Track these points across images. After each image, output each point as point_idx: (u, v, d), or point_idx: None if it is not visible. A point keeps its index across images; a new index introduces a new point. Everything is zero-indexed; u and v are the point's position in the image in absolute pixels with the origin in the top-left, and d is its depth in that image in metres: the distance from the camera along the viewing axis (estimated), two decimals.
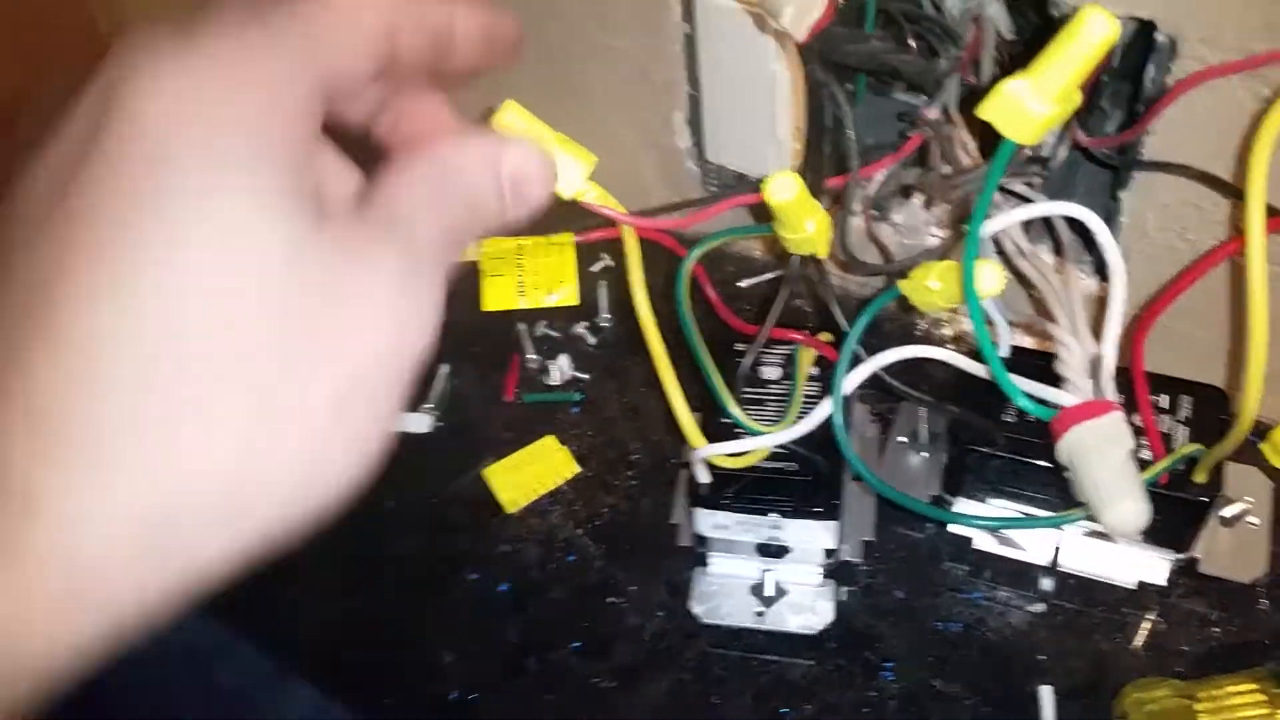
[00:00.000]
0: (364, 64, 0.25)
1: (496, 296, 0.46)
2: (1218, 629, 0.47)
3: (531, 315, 0.61)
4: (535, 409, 0.59)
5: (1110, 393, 0.39)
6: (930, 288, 0.40)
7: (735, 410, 0.44)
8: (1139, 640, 0.47)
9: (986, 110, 0.33)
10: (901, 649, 0.48)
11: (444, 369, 0.61)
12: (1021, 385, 0.39)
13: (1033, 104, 0.32)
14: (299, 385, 0.23)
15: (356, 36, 0.25)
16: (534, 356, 0.61)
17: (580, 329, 0.62)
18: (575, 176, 0.35)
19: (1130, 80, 0.53)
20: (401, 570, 0.53)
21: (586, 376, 0.60)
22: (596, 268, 0.65)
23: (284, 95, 0.23)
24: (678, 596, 0.50)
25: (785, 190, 0.38)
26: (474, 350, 0.62)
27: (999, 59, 0.54)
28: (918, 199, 0.54)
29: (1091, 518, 0.37)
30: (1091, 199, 0.55)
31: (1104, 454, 0.35)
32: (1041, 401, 0.39)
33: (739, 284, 0.63)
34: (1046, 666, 0.47)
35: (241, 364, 0.22)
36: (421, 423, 0.58)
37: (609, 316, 0.62)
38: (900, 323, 0.60)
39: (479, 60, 0.28)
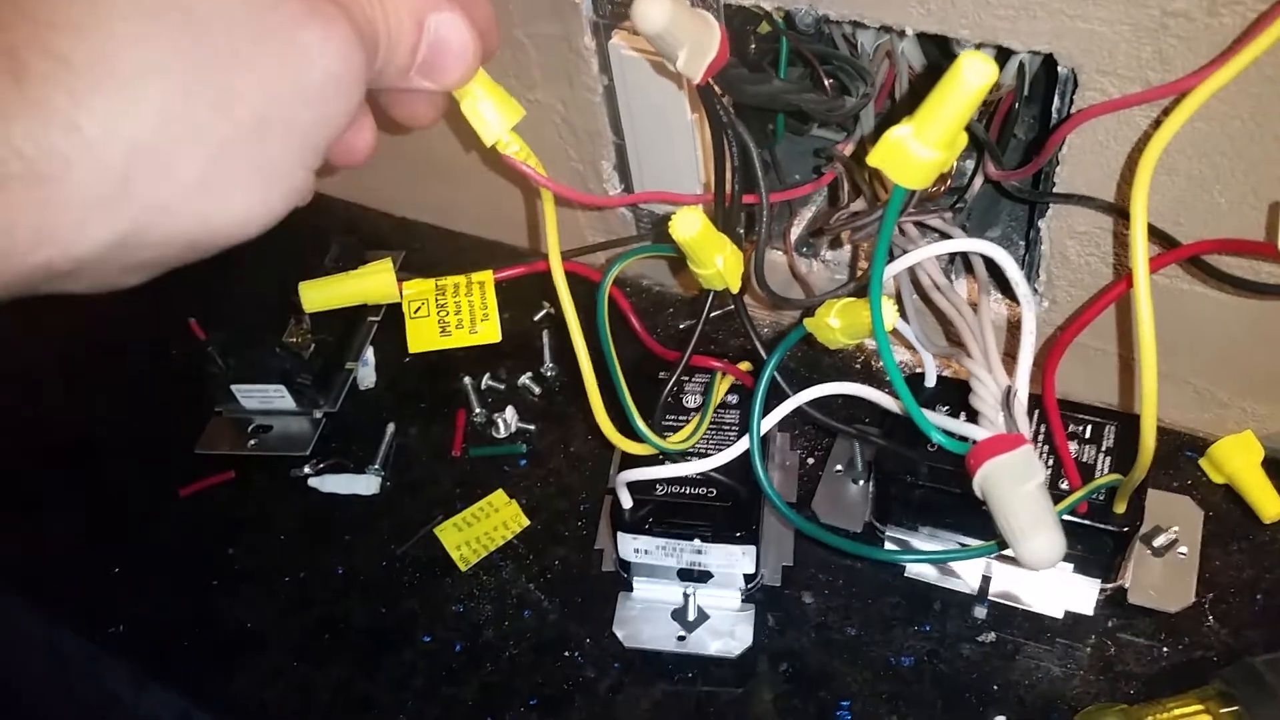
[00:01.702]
0: None
1: (421, 337, 0.46)
2: (1166, 649, 0.47)
3: (465, 366, 0.62)
4: (483, 463, 0.59)
5: (1023, 425, 0.39)
6: (831, 325, 0.41)
7: (641, 424, 0.45)
8: (1090, 666, 0.47)
9: (875, 158, 0.33)
10: (859, 686, 0.48)
11: (390, 428, 0.61)
12: (937, 420, 0.39)
13: (918, 150, 0.33)
14: (226, 90, 0.24)
15: None
16: (479, 410, 0.61)
17: (525, 380, 0.62)
18: (498, 124, 0.35)
19: (1043, 109, 0.54)
20: (355, 635, 0.53)
21: (532, 428, 0.60)
22: (539, 316, 0.65)
23: None
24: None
25: (690, 226, 0.39)
26: (420, 407, 0.62)
27: (914, 90, 0.55)
28: (825, 242, 0.54)
29: (1005, 549, 0.37)
30: (1015, 228, 0.56)
31: (1015, 488, 0.36)
32: (957, 436, 0.39)
33: (680, 325, 0.63)
34: (1000, 696, 0.47)
35: (182, 37, 0.23)
36: (370, 484, 0.58)
37: (552, 366, 0.62)
38: (843, 355, 0.61)
39: None
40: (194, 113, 0.24)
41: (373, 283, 0.45)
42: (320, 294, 0.45)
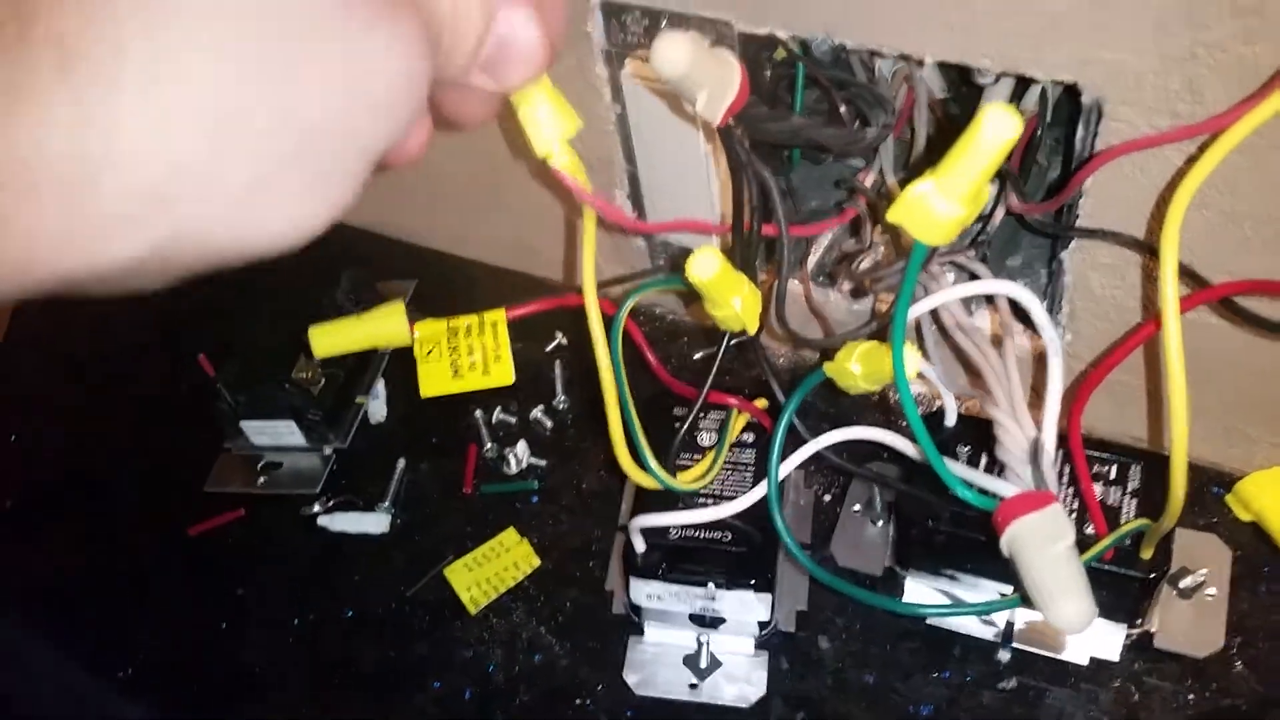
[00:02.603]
0: None
1: (433, 382, 0.45)
2: (1193, 696, 0.46)
3: (477, 399, 0.61)
4: (494, 500, 0.58)
5: (1051, 480, 0.38)
6: (852, 371, 0.40)
7: (651, 461, 0.43)
8: (1114, 713, 0.46)
9: (896, 214, 0.32)
10: None
11: (400, 463, 0.60)
12: (962, 473, 0.38)
13: (940, 206, 0.31)
14: (287, 97, 0.22)
15: None
16: (491, 445, 0.60)
17: (537, 413, 0.61)
18: (552, 133, 0.33)
19: (1067, 134, 0.53)
20: (364, 681, 0.52)
21: (544, 463, 0.59)
22: (551, 347, 0.64)
23: None
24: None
25: (707, 268, 0.38)
26: (431, 442, 0.61)
27: (934, 117, 0.54)
28: (846, 285, 0.53)
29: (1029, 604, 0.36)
30: (1036, 256, 0.55)
31: (1043, 549, 0.34)
32: (982, 491, 0.37)
33: (695, 356, 0.62)
34: None
35: (239, 34, 0.21)
36: (380, 523, 0.58)
37: (564, 398, 0.61)
38: None
39: None
40: (249, 122, 0.21)
41: (384, 326, 0.44)
42: (330, 339, 0.44)
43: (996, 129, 0.30)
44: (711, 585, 0.46)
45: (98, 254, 0.21)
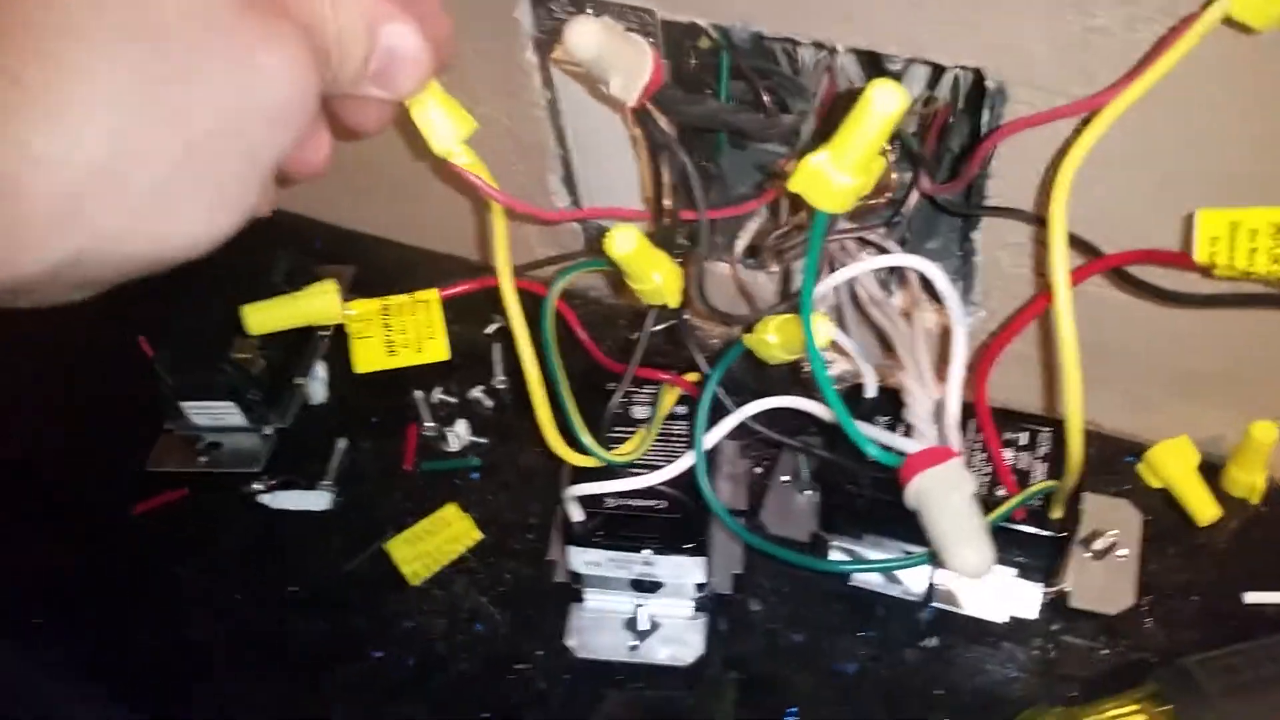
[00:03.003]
0: None
1: (367, 357, 0.47)
2: (1106, 651, 0.48)
3: (416, 380, 0.62)
4: (435, 478, 0.59)
5: (954, 438, 0.40)
6: (769, 341, 0.42)
7: (585, 436, 0.45)
8: (1031, 669, 0.48)
9: (796, 183, 0.34)
10: (804, 692, 0.49)
11: (341, 443, 0.61)
12: (871, 433, 0.40)
13: (836, 176, 0.33)
14: (182, 111, 0.24)
15: None
16: (431, 424, 0.61)
17: (477, 393, 0.63)
18: (448, 134, 0.35)
19: (976, 124, 0.55)
20: (306, 653, 0.53)
21: (485, 441, 0.61)
22: (491, 330, 0.65)
23: None
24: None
25: (625, 243, 0.40)
26: (371, 421, 0.62)
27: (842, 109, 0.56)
28: (773, 266, 0.55)
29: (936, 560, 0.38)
30: (951, 241, 0.57)
31: (945, 500, 0.37)
32: (890, 449, 0.40)
33: (631, 337, 0.64)
34: (943, 701, 0.48)
35: (135, 57, 0.23)
36: (321, 500, 0.59)
37: (504, 379, 0.63)
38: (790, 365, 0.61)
39: None
40: (148, 134, 0.24)
41: (317, 304, 0.45)
42: (264, 316, 0.45)
43: (883, 103, 0.32)
44: (647, 550, 0.47)
45: (21, 263, 0.23)
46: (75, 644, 0.55)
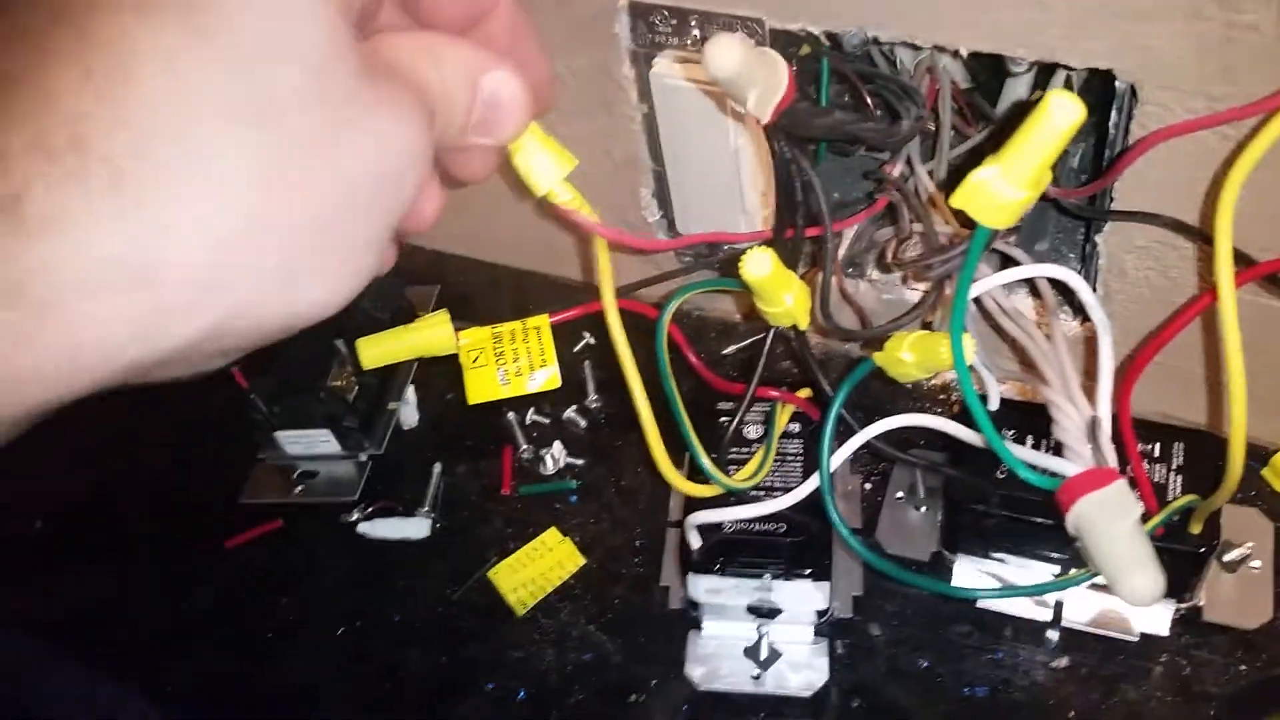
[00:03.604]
0: None
1: (480, 389, 0.46)
2: (1244, 667, 0.47)
3: (508, 402, 0.61)
4: (533, 501, 0.58)
5: (1110, 457, 0.38)
6: (904, 359, 0.40)
7: (707, 463, 0.44)
8: (1166, 687, 0.47)
9: (960, 199, 0.33)
10: (932, 718, 0.48)
11: (437, 468, 0.60)
12: (1020, 454, 0.39)
13: (1004, 190, 0.32)
14: (307, 182, 0.24)
15: None
16: (526, 446, 0.60)
17: (570, 413, 0.61)
18: (550, 174, 0.35)
19: (1090, 117, 0.54)
20: (416, 685, 0.52)
21: (581, 462, 0.59)
22: (579, 347, 0.64)
23: None
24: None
25: (761, 266, 0.38)
26: (466, 445, 0.61)
27: (956, 107, 0.54)
28: (895, 274, 0.54)
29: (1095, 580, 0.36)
30: (1063, 239, 0.55)
31: (1112, 526, 0.35)
32: (1044, 471, 0.38)
33: (723, 351, 0.63)
34: None
35: (260, 136, 0.23)
36: (420, 527, 0.58)
37: (596, 397, 0.62)
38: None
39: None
40: (276, 207, 0.24)
41: (430, 335, 0.44)
42: (378, 350, 0.44)
43: (1062, 115, 0.30)
44: (768, 577, 0.46)
45: (160, 340, 0.23)
46: (174, 687, 0.54)
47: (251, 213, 0.24)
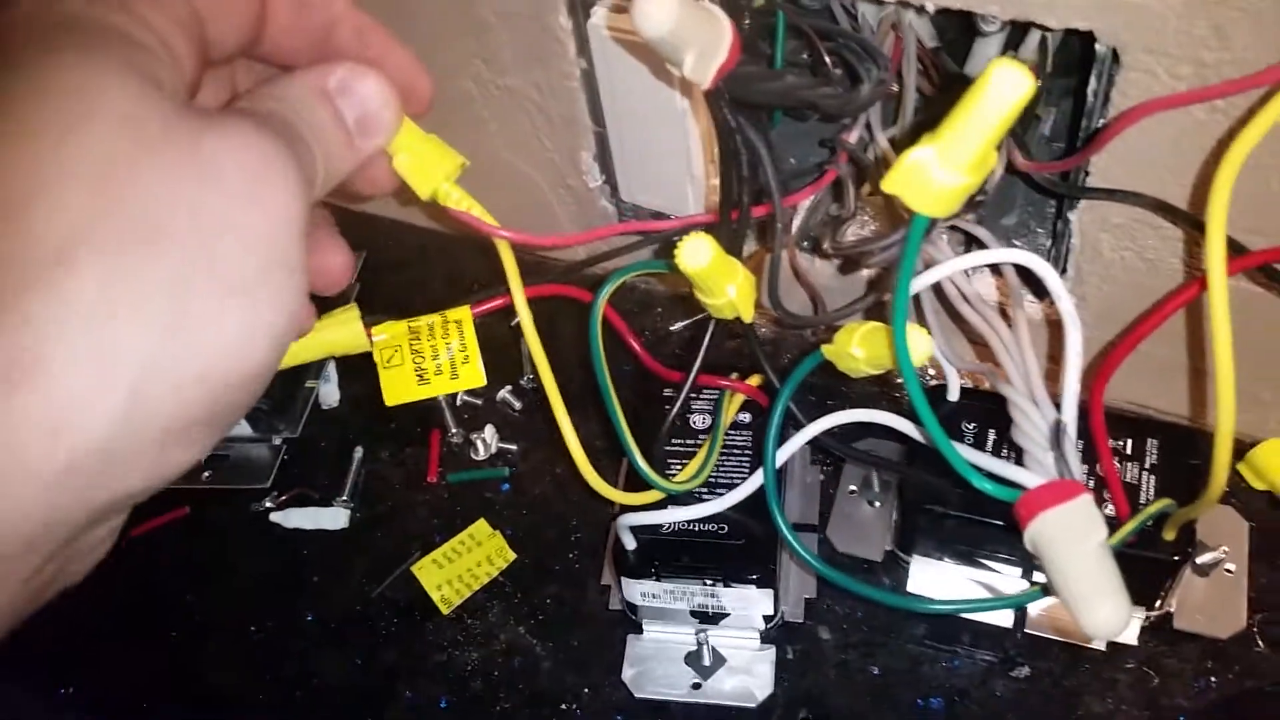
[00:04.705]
0: None
1: (396, 389, 0.42)
2: (1215, 679, 0.44)
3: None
4: (462, 490, 0.54)
5: (1075, 467, 0.35)
6: (854, 355, 0.36)
7: (644, 466, 0.40)
8: (1134, 700, 0.44)
9: (892, 184, 0.28)
10: None
11: (358, 452, 0.56)
12: (979, 461, 0.35)
13: (942, 175, 0.28)
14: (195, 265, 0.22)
15: None
16: (456, 430, 0.56)
17: (504, 394, 0.57)
18: (433, 175, 0.32)
19: (1066, 79, 0.49)
20: (331, 692, 0.48)
21: (514, 447, 0.55)
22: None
23: (144, 7, 0.24)
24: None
25: (698, 256, 0.34)
26: (390, 427, 0.57)
27: (922, 69, 0.50)
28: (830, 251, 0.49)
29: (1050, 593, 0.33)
30: (1031, 214, 0.52)
31: (1074, 546, 0.31)
32: (1002, 480, 0.34)
33: (670, 328, 0.58)
34: None
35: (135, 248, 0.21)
36: (338, 517, 0.54)
37: (532, 376, 0.57)
38: None
39: (358, 55, 0.29)
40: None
41: (339, 334, 0.40)
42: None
43: (1006, 88, 0.26)
44: (711, 581, 0.42)
45: (81, 422, 0.21)
46: (76, 683, 0.50)
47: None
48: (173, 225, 0.22)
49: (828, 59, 0.46)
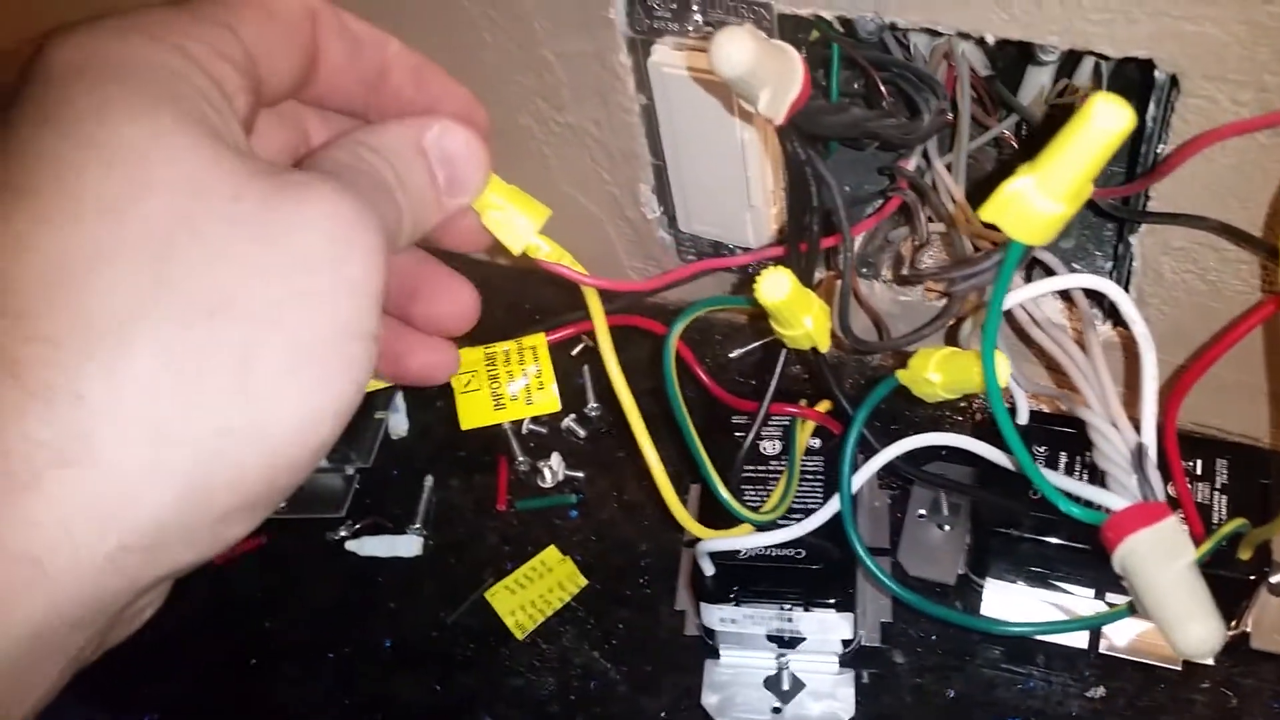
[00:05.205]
0: (286, 34, 0.26)
1: (473, 414, 0.43)
2: None
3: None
4: (531, 517, 0.55)
5: (1158, 488, 0.35)
6: (931, 380, 0.37)
7: (731, 501, 0.41)
8: None
9: (991, 212, 0.29)
10: None
11: (428, 481, 0.57)
12: (1059, 483, 0.36)
13: (1041, 203, 0.28)
14: (253, 338, 0.21)
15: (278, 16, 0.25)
16: (523, 458, 0.57)
17: (569, 422, 0.58)
18: (523, 228, 0.32)
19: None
20: (408, 716, 0.49)
21: (581, 475, 0.56)
22: (577, 350, 0.61)
23: (197, 47, 0.23)
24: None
25: (778, 289, 0.35)
26: (458, 456, 0.58)
27: (975, 96, 0.51)
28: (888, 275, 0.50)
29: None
30: (1091, 236, 0.52)
31: (1164, 568, 0.32)
32: (1084, 502, 0.35)
33: (729, 354, 0.59)
34: None
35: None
36: (411, 545, 0.55)
37: (596, 405, 0.58)
38: None
39: (415, 96, 0.29)
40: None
41: None
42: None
43: (1106, 121, 0.27)
44: (788, 607, 0.43)
45: (133, 513, 0.21)
46: (160, 711, 0.51)
47: (168, 356, 0.21)
48: (240, 295, 0.21)
49: (884, 89, 0.48)
